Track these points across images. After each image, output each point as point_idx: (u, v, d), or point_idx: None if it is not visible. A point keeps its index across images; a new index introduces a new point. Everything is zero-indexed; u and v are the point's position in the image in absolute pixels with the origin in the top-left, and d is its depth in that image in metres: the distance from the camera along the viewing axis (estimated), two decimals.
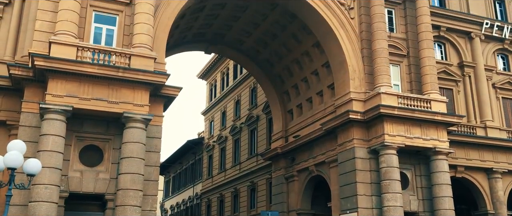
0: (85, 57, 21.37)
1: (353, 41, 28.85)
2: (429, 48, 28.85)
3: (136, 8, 23.28)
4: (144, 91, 22.24)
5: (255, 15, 32.54)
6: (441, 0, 34.83)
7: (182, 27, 32.61)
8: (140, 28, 22.87)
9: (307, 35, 31.26)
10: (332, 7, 28.84)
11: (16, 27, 23.83)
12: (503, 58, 35.56)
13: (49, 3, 22.43)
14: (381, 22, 28.22)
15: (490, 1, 36.19)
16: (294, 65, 34.25)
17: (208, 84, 59.81)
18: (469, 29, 34.15)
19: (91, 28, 23.17)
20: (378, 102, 26.45)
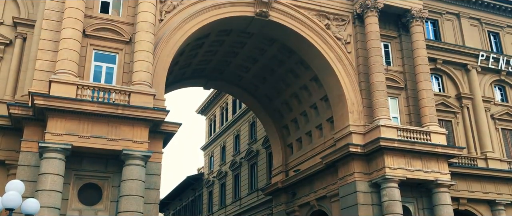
0: (85, 95, 21.49)
1: (351, 75, 29.09)
2: (427, 80, 29.07)
3: (136, 46, 23.58)
4: (144, 127, 22.25)
5: (253, 50, 32.93)
6: (436, 33, 35.37)
7: (181, 64, 32.93)
8: (140, 65, 23.09)
9: (305, 70, 31.55)
10: (329, 42, 29.22)
11: (16, 66, 24.08)
12: (500, 89, 35.81)
13: (50, 43, 22.73)
14: (377, 56, 28.55)
15: (484, 33, 36.76)
16: (292, 99, 34.40)
17: (207, 119, 59.90)
18: (465, 61, 34.53)
19: (91, 66, 23.40)
20: (378, 135, 26.44)
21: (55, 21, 23.11)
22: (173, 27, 25.61)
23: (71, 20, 22.41)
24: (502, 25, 37.50)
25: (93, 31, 23.69)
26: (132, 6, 25.06)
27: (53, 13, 23.31)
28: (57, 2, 23.51)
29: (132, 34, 24.20)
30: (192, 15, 26.33)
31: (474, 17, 36.65)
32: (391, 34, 30.99)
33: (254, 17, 28.10)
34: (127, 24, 24.59)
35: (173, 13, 26.03)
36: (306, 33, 28.91)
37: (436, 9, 35.32)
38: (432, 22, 35.54)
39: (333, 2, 30.22)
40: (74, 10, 22.63)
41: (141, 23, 23.91)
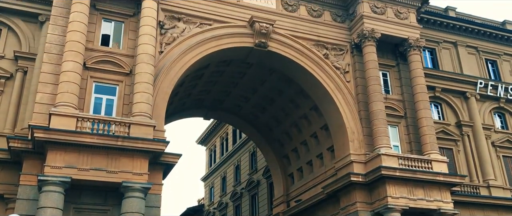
0: (85, 127, 21.49)
1: (350, 104, 29.14)
2: (426, 108, 29.10)
3: (136, 77, 23.71)
4: (143, 159, 22.15)
5: (253, 80, 33.09)
6: (434, 62, 35.65)
7: (181, 94, 33.05)
8: (140, 97, 23.16)
9: (305, 99, 31.63)
10: (327, 71, 29.39)
11: (17, 100, 24.19)
12: (500, 116, 35.85)
13: (50, 76, 22.87)
14: (376, 85, 28.67)
15: (482, 61, 37.05)
16: (293, 128, 34.37)
17: (207, 149, 59.69)
18: (464, 89, 34.69)
19: (91, 98, 23.48)
20: (379, 163, 26.30)
21: (55, 54, 23.33)
22: (173, 59, 25.80)
23: (72, 53, 22.62)
24: (499, 53, 37.84)
25: (94, 64, 23.88)
26: (133, 38, 25.34)
27: (54, 46, 23.55)
28: (58, 36, 23.79)
29: (132, 66, 24.38)
30: (192, 47, 26.58)
31: (471, 45, 37.02)
32: (389, 63, 31.21)
33: (253, 47, 28.36)
34: (128, 56, 24.81)
35: (173, 44, 26.28)
36: (305, 63, 29.11)
37: (433, 38, 35.71)
38: (429, 51, 35.88)
39: (331, 32, 30.56)
40: (75, 43, 22.86)
41: (141, 55, 24.11)
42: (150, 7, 25.14)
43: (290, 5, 30.17)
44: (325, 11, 31.03)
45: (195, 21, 27.36)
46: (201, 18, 27.53)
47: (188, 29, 26.99)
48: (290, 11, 30.08)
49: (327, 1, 31.13)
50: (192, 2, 27.55)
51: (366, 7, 30.23)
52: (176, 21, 26.89)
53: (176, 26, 26.76)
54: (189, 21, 27.20)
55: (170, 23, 26.66)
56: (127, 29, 25.59)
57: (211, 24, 27.66)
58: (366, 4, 30.30)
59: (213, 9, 27.92)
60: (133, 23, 25.73)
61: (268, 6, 29.64)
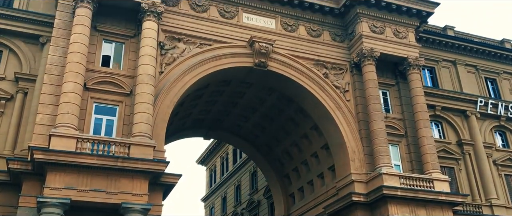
0: (85, 148, 21.42)
1: (351, 123, 29.09)
2: (427, 127, 29.04)
3: (136, 98, 23.73)
4: (143, 180, 22.03)
5: (253, 100, 33.13)
6: (433, 80, 35.73)
7: (181, 114, 33.05)
8: (140, 117, 23.15)
9: (305, 118, 31.60)
10: (327, 90, 29.42)
11: (17, 121, 24.18)
12: (501, 134, 35.80)
13: (51, 97, 22.90)
14: (376, 103, 28.66)
15: (481, 79, 37.14)
16: (293, 148, 34.26)
17: (207, 169, 59.43)
18: (464, 108, 34.70)
19: (91, 119, 23.48)
20: (381, 183, 26.12)
21: (56, 75, 23.42)
22: (173, 79, 25.87)
23: (72, 74, 22.69)
24: (498, 71, 37.97)
25: (94, 85, 23.94)
26: (133, 59, 25.45)
27: (55, 68, 23.64)
28: (58, 57, 23.91)
29: (133, 86, 24.43)
30: (192, 67, 26.67)
31: (470, 64, 37.17)
32: (389, 81, 31.27)
33: (253, 67, 28.46)
34: (128, 76, 24.89)
35: (173, 65, 26.38)
36: (304, 82, 29.17)
37: (432, 56, 35.87)
38: (429, 70, 36.01)
39: (330, 52, 30.69)
40: (76, 64, 22.95)
41: (141, 75, 24.18)
42: (150, 28, 25.32)
43: (289, 25, 30.38)
44: (324, 30, 31.23)
45: (195, 42, 27.52)
46: (201, 39, 27.70)
47: (188, 49, 27.13)
48: (289, 31, 30.28)
49: (326, 21, 31.35)
50: (192, 23, 27.75)
51: (365, 26, 30.43)
52: (176, 42, 27.05)
53: (176, 46, 26.90)
54: (189, 41, 27.36)
55: (170, 44, 26.81)
56: (127, 50, 25.74)
57: (211, 44, 27.81)
58: (365, 24, 30.51)
59: (213, 29, 28.12)
60: (133, 44, 25.89)
61: (268, 26, 29.85)
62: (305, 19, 30.82)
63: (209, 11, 28.57)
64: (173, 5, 27.72)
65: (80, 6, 24.15)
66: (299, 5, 30.45)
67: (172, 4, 27.69)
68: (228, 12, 28.99)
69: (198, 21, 27.96)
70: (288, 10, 30.41)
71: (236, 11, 29.23)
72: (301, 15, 30.70)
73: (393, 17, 31.21)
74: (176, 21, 27.37)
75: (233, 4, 29.24)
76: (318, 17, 31.13)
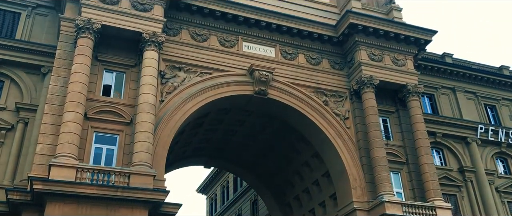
0: (84, 178, 21.30)
1: (352, 150, 28.99)
2: (428, 154, 28.93)
3: (137, 127, 23.73)
4: (143, 209, 21.81)
5: (253, 128, 33.12)
6: (433, 107, 35.80)
7: (181, 143, 33.00)
8: (140, 146, 23.09)
9: (305, 146, 31.53)
10: (327, 118, 29.43)
11: (17, 151, 24.12)
12: (502, 161, 35.66)
13: (51, 127, 22.89)
14: (377, 131, 28.63)
15: (481, 106, 37.22)
16: (294, 176, 34.06)
17: (208, 198, 58.93)
18: (465, 134, 34.66)
19: (91, 148, 23.40)
20: (383, 211, 25.84)
21: (57, 105, 23.45)
22: (173, 107, 25.93)
23: (73, 104, 22.75)
24: (497, 97, 38.09)
25: (95, 114, 23.97)
26: (134, 88, 25.57)
27: (55, 97, 23.71)
28: (59, 87, 24.01)
29: (133, 115, 24.45)
30: (192, 95, 26.76)
31: (469, 91, 37.32)
32: (389, 109, 31.31)
33: (253, 95, 28.56)
34: (128, 105, 24.95)
35: (174, 93, 26.48)
36: (304, 110, 29.22)
37: (431, 84, 36.04)
38: (428, 97, 36.13)
39: (330, 79, 30.85)
40: (76, 94, 23.03)
41: (142, 104, 24.24)
42: (151, 58, 25.53)
43: (288, 53, 30.64)
44: (324, 58, 31.47)
45: (196, 70, 27.69)
46: (202, 67, 27.90)
47: (189, 78, 27.29)
48: (289, 59, 30.52)
49: (325, 49, 31.63)
50: (193, 52, 28.01)
51: (363, 54, 30.68)
52: (177, 71, 27.23)
53: (176, 75, 27.07)
54: (189, 70, 27.55)
55: (171, 73, 26.99)
56: (128, 79, 25.88)
57: (211, 72, 27.99)
58: (364, 52, 30.77)
59: (213, 58, 28.35)
60: (134, 73, 26.05)
61: (267, 54, 30.11)
62: (304, 48, 31.12)
63: (209, 40, 28.88)
64: (174, 34, 28.05)
65: (82, 37, 24.42)
66: (298, 33, 30.79)
67: (173, 33, 28.01)
68: (228, 41, 29.29)
69: (199, 50, 28.22)
70: (287, 38, 30.73)
71: (236, 40, 29.54)
72: (300, 43, 31.02)
73: (391, 45, 31.50)
74: (176, 51, 27.63)
75: (233, 33, 29.58)
76: (317, 45, 31.42)
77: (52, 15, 28.42)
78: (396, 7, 32.99)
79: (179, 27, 28.42)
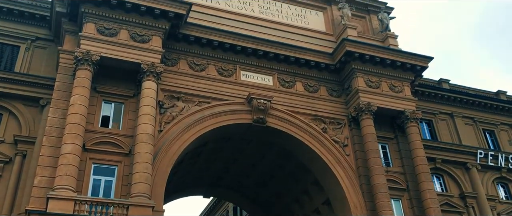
0: (83, 210, 21.11)
1: (351, 177, 28.83)
2: (428, 180, 28.78)
3: (135, 157, 23.63)
4: None
5: (252, 156, 33.00)
6: (432, 133, 35.81)
7: (180, 173, 32.81)
8: (139, 177, 22.94)
9: (305, 173, 31.37)
10: (326, 145, 29.37)
11: (14, 184, 23.95)
12: (503, 186, 35.50)
13: (49, 159, 22.77)
14: (376, 158, 28.54)
15: (480, 131, 37.25)
16: (294, 204, 33.76)
17: None
18: (465, 160, 34.58)
19: (90, 180, 23.25)
20: None
21: (55, 137, 23.40)
22: (172, 137, 25.90)
23: (72, 135, 22.71)
24: (495, 122, 38.17)
25: (93, 145, 23.91)
26: (132, 118, 25.57)
27: (54, 129, 23.68)
28: (58, 119, 24.01)
29: (132, 145, 24.37)
30: (191, 125, 26.77)
31: (467, 116, 37.42)
32: (388, 135, 31.30)
33: (252, 124, 28.58)
34: (127, 136, 24.91)
35: (172, 123, 26.48)
36: (303, 138, 29.20)
37: (429, 109, 36.16)
38: (426, 122, 36.18)
39: (328, 107, 30.94)
40: (75, 125, 23.02)
41: (140, 135, 24.20)
42: (150, 88, 25.63)
43: (286, 81, 30.82)
44: (321, 86, 31.63)
45: (194, 100, 27.78)
46: (200, 97, 28.00)
47: (187, 107, 27.35)
48: (286, 87, 30.68)
49: (322, 77, 31.83)
50: (191, 82, 28.16)
51: (361, 81, 30.86)
52: (175, 100, 27.31)
53: (175, 105, 27.13)
54: (188, 100, 27.63)
55: (169, 103, 27.06)
56: (127, 110, 25.93)
57: (209, 102, 28.08)
58: (361, 79, 30.95)
59: (211, 87, 28.48)
60: (133, 103, 26.10)
61: (265, 83, 30.28)
62: (301, 76, 31.32)
63: (207, 69, 29.07)
64: (172, 64, 28.25)
65: (81, 69, 24.58)
66: (295, 62, 31.04)
67: (171, 64, 28.22)
68: (226, 70, 29.49)
69: (197, 80, 28.38)
70: (284, 67, 30.96)
71: (233, 69, 29.74)
72: (297, 71, 31.23)
73: (388, 72, 31.73)
74: (175, 80, 27.78)
75: (231, 62, 29.81)
76: (314, 73, 31.64)
77: (51, 48, 28.69)
78: (391, 35, 33.40)
79: (177, 57, 28.65)
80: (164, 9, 26.95)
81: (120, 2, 26.22)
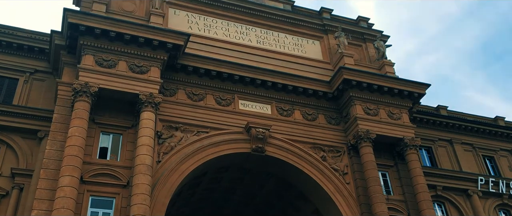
0: None
1: (352, 206, 28.51)
2: (430, 208, 28.44)
3: (133, 189, 23.39)
4: None
5: (252, 186, 32.71)
6: (432, 160, 35.65)
7: (179, 204, 32.45)
8: (137, 209, 22.63)
9: (305, 203, 31.03)
10: (326, 174, 29.15)
11: None
12: (505, 213, 35.18)
13: (47, 192, 22.48)
14: (377, 186, 28.29)
15: (479, 157, 37.10)
16: None
17: None
18: (465, 187, 34.34)
19: (87, 213, 22.93)
20: None
21: (53, 170, 23.17)
22: (170, 168, 25.70)
23: (69, 168, 22.52)
24: (495, 148, 38.08)
25: (91, 177, 23.68)
26: (130, 149, 25.42)
27: (52, 162, 23.48)
28: (55, 151, 23.84)
29: (130, 177, 24.16)
30: (189, 155, 26.60)
31: (466, 142, 37.34)
32: (388, 163, 31.11)
33: (251, 153, 28.42)
34: (125, 167, 24.71)
35: (171, 154, 26.31)
36: (303, 166, 29.01)
37: (428, 136, 36.09)
38: (426, 149, 36.05)
39: (326, 135, 30.85)
40: (73, 157, 22.86)
41: (138, 166, 24.01)
42: (148, 118, 25.59)
43: (284, 110, 30.83)
44: (319, 114, 31.64)
45: (193, 130, 27.70)
46: (198, 126, 27.92)
47: (186, 137, 27.24)
48: (285, 115, 30.66)
49: (320, 105, 31.87)
50: (190, 112, 28.14)
51: (359, 109, 30.89)
52: (174, 130, 27.23)
53: (173, 135, 27.04)
54: (186, 129, 27.55)
55: (167, 133, 26.97)
56: (125, 141, 25.81)
57: (208, 131, 28.00)
58: (359, 107, 30.99)
59: (210, 117, 28.45)
60: (131, 134, 26.00)
61: (264, 111, 30.28)
62: (300, 104, 31.36)
63: (205, 99, 29.11)
64: (170, 95, 28.29)
65: (79, 100, 24.58)
66: (293, 90, 31.13)
67: (169, 94, 28.26)
68: (224, 100, 29.53)
69: (195, 110, 28.37)
70: (282, 95, 31.02)
71: (232, 98, 29.79)
72: (295, 100, 31.29)
73: (386, 99, 31.80)
74: (173, 111, 27.77)
75: (229, 91, 29.88)
76: (313, 101, 31.69)
77: (49, 80, 28.80)
78: (388, 62, 33.65)
79: (176, 88, 28.72)
80: (162, 40, 27.19)
81: (119, 34, 26.46)
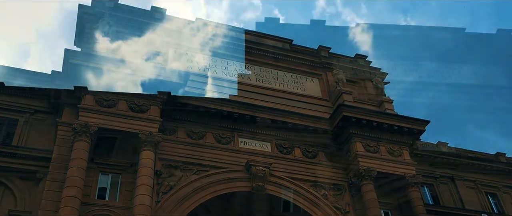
0: None
1: None
2: None
3: None
4: None
5: None
6: (434, 197, 35.18)
7: None
8: None
9: None
10: (328, 212, 28.70)
11: None
12: None
13: None
14: None
15: (482, 195, 36.64)
16: None
17: None
18: None
19: None
20: None
21: (51, 211, 22.91)
22: (169, 208, 25.37)
23: (68, 209, 22.27)
24: (497, 185, 37.65)
25: None
26: (129, 189, 25.19)
27: (50, 203, 23.20)
28: (54, 192, 23.59)
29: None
30: (189, 195, 26.32)
31: (468, 179, 36.95)
32: (389, 201, 30.64)
33: (251, 191, 28.08)
34: (124, 208, 24.45)
35: (170, 193, 26.02)
36: (304, 205, 28.65)
37: (430, 173, 35.73)
38: (428, 186, 35.64)
39: (327, 172, 30.57)
40: (71, 198, 22.64)
41: (137, 206, 23.75)
42: (147, 158, 25.49)
43: (284, 147, 30.69)
44: (320, 151, 31.47)
45: (192, 168, 27.51)
46: (198, 165, 27.74)
47: (185, 176, 27.01)
48: (285, 153, 30.50)
49: (320, 142, 31.73)
50: (189, 150, 28.01)
51: (359, 146, 30.74)
52: (173, 169, 27.03)
53: (173, 174, 26.83)
54: (186, 168, 27.35)
55: (167, 172, 26.77)
56: (124, 181, 25.63)
57: (208, 170, 27.79)
58: (359, 144, 30.85)
59: (210, 155, 28.30)
60: (130, 174, 25.82)
61: (264, 149, 30.15)
62: (299, 141, 31.24)
63: (205, 137, 29.03)
64: (170, 133, 28.23)
65: (78, 140, 24.52)
66: (293, 128, 31.06)
67: (169, 132, 28.20)
68: (224, 138, 29.45)
69: (195, 148, 28.25)
70: (282, 133, 30.94)
71: (232, 137, 29.71)
72: (295, 137, 31.19)
73: (386, 136, 31.69)
74: (173, 149, 27.64)
75: (228, 130, 29.83)
76: (313, 138, 31.57)
77: (49, 120, 28.63)
78: (386, 99, 33.77)
79: (175, 126, 28.69)
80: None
81: None
